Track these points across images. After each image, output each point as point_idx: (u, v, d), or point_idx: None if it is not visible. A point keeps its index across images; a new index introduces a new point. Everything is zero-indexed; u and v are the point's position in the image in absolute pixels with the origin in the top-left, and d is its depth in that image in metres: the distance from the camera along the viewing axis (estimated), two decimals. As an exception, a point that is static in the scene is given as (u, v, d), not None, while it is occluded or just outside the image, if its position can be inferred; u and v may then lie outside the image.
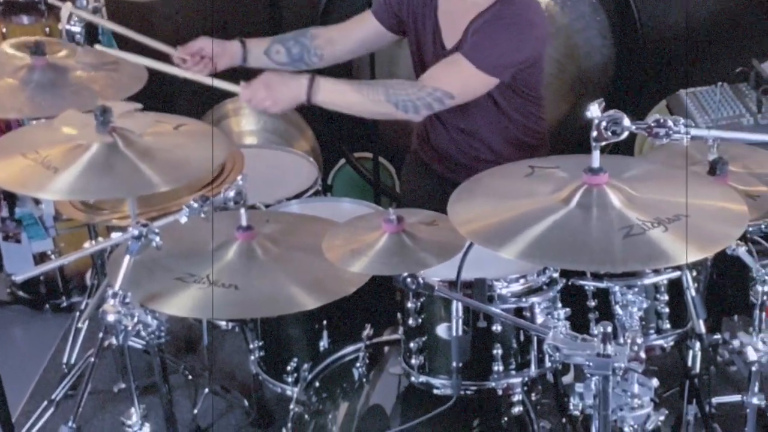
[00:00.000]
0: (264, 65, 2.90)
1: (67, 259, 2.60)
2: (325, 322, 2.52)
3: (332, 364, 2.47)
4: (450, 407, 2.18)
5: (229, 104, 4.08)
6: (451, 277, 2.17)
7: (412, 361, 2.28)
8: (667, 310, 2.36)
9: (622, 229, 1.88)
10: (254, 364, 2.62)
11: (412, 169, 3.15)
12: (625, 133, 1.98)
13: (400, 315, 2.31)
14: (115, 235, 2.21)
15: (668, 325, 2.38)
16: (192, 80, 2.73)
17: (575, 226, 1.91)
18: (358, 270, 2.13)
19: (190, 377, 3.21)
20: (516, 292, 2.24)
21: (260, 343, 2.58)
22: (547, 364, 2.29)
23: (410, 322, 2.26)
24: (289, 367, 2.52)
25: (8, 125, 3.66)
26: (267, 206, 2.80)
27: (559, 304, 2.27)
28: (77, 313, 3.52)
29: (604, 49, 3.99)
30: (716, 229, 1.96)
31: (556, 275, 2.29)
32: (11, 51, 2.94)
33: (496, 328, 2.20)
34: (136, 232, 2.12)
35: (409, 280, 1.99)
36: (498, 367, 2.23)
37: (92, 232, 3.20)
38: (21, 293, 3.96)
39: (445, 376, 2.25)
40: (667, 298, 2.36)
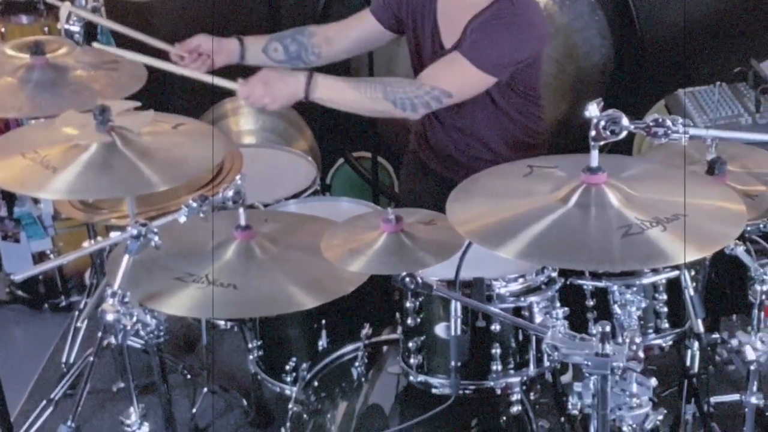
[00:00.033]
0: (261, 63, 2.89)
1: (66, 259, 2.60)
2: (323, 322, 2.52)
3: (331, 364, 2.47)
4: (448, 407, 2.18)
5: (228, 104, 4.07)
6: (450, 276, 2.16)
7: (411, 361, 2.28)
8: (666, 310, 2.36)
9: (621, 228, 1.88)
10: (253, 364, 2.62)
11: (410, 168, 3.14)
12: (624, 133, 1.98)
13: (398, 314, 2.31)
14: (114, 235, 2.21)
15: (667, 325, 2.38)
16: (190, 77, 2.73)
17: (574, 226, 1.91)
18: (357, 269, 2.13)
19: (189, 377, 3.20)
20: (514, 291, 2.23)
21: (259, 343, 2.59)
22: (546, 364, 2.29)
23: (409, 321, 2.26)
24: (287, 367, 2.52)
25: (7, 125, 3.66)
26: (266, 206, 2.80)
27: (558, 304, 2.27)
28: (76, 313, 3.51)
29: (602, 49, 3.99)
30: (715, 228, 1.96)
31: (555, 275, 2.29)
32: (10, 51, 2.94)
33: (495, 327, 2.20)
34: (135, 232, 2.12)
35: (407, 279, 1.99)
36: (496, 367, 2.23)
37: (91, 231, 3.19)
38: (20, 293, 3.95)
39: (444, 376, 2.24)
40: (665, 297, 2.36)
